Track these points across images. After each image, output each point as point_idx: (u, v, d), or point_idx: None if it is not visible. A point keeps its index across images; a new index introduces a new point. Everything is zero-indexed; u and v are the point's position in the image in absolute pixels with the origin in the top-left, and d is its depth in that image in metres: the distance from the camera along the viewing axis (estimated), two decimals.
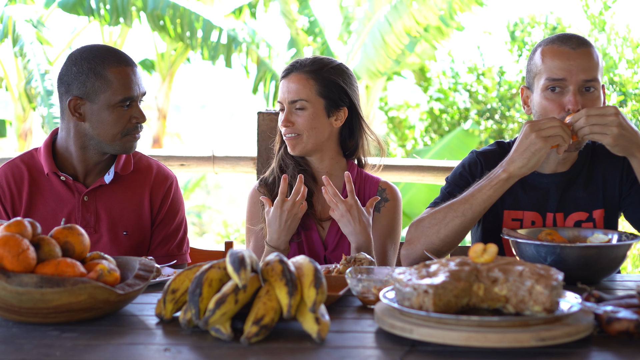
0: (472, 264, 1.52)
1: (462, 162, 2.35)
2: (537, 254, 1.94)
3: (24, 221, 1.59)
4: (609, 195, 2.26)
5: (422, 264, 1.55)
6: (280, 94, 2.41)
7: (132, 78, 2.25)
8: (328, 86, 2.38)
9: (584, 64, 2.15)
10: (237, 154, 3.85)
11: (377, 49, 8.41)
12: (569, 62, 2.16)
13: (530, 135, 2.03)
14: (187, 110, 23.20)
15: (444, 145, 8.42)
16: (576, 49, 2.16)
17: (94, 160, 2.33)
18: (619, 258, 1.96)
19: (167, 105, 11.71)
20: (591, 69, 2.16)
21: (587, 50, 2.17)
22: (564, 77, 2.15)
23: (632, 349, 1.39)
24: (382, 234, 2.41)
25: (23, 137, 9.59)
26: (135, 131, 2.30)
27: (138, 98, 2.28)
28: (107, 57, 2.25)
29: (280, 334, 1.49)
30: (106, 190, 2.35)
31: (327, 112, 2.39)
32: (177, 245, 2.44)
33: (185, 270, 1.62)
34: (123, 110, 2.25)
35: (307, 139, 2.38)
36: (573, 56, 2.16)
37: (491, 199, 2.10)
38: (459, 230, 2.12)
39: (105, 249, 2.30)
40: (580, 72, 2.14)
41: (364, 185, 2.46)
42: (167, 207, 2.42)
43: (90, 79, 2.23)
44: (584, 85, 2.16)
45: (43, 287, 1.50)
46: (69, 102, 2.25)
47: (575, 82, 2.15)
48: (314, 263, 1.53)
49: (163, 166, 2.48)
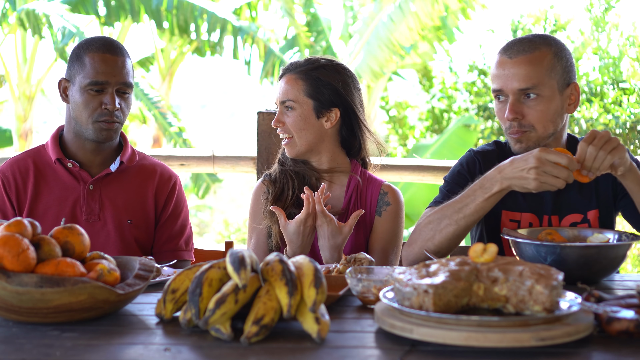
0: (472, 264, 1.52)
1: (460, 161, 2.36)
2: (537, 254, 1.94)
3: (24, 221, 1.59)
4: (602, 196, 2.26)
5: (422, 264, 1.55)
6: (276, 94, 2.45)
7: (106, 64, 2.32)
8: (317, 87, 2.38)
9: (519, 73, 2.15)
10: (237, 154, 3.85)
11: (381, 48, 8.41)
12: (504, 72, 2.18)
13: (531, 171, 1.96)
14: (187, 110, 23.20)
15: (444, 142, 8.43)
16: (513, 58, 2.16)
17: (90, 148, 2.41)
18: (619, 258, 1.96)
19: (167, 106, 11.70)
20: (529, 76, 2.14)
21: (527, 58, 2.15)
22: (501, 87, 2.19)
23: (632, 349, 1.39)
24: (383, 238, 2.41)
25: (23, 137, 9.59)
26: (107, 119, 2.34)
27: (111, 85, 2.33)
28: (92, 44, 2.35)
29: (280, 333, 1.48)
30: (112, 180, 2.43)
31: (316, 113, 2.39)
32: (184, 241, 2.51)
33: (185, 270, 1.62)
34: (93, 94, 2.33)
35: (299, 140, 2.39)
36: (509, 65, 2.17)
37: (484, 209, 2.08)
38: (453, 237, 2.11)
39: (109, 237, 2.38)
40: (514, 82, 2.15)
41: (366, 187, 2.45)
42: (172, 205, 2.49)
43: (73, 62, 2.37)
44: (522, 94, 2.16)
45: (43, 287, 1.50)
46: (59, 83, 2.41)
47: (511, 91, 2.17)
48: (314, 263, 1.53)
49: (166, 166, 2.55)
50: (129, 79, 2.37)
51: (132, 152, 2.49)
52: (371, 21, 8.73)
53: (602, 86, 8.58)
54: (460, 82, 9.67)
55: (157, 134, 11.37)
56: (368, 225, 2.43)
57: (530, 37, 2.21)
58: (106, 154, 2.45)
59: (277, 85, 2.45)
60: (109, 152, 2.46)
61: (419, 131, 9.86)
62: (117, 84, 2.34)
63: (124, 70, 2.35)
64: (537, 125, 2.17)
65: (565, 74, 2.19)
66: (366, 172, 2.49)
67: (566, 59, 2.20)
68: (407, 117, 10.04)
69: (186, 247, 2.51)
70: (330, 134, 2.43)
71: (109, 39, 2.39)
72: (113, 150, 2.47)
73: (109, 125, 2.35)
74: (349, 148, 2.48)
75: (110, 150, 2.46)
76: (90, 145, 2.41)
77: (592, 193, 2.27)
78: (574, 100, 2.23)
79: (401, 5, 8.28)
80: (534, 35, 2.24)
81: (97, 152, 2.42)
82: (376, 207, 2.43)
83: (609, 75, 8.62)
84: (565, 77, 2.19)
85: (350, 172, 2.45)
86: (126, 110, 2.39)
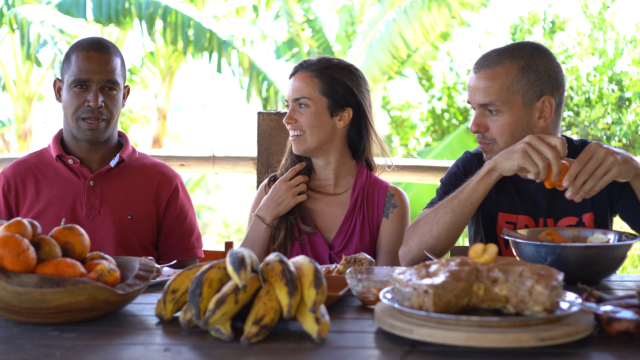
0: (472, 264, 1.52)
1: (456, 163, 2.38)
2: (537, 254, 1.94)
3: (24, 221, 1.59)
4: (597, 198, 2.26)
5: (422, 264, 1.55)
6: (287, 92, 2.44)
7: (89, 61, 2.35)
8: (332, 86, 2.38)
9: (479, 87, 2.18)
10: (237, 154, 3.86)
11: (383, 51, 8.41)
12: (470, 85, 2.23)
13: (520, 144, 2.02)
14: (187, 110, 23.20)
15: (446, 145, 8.43)
16: (477, 73, 2.20)
17: (85, 147, 2.44)
18: (619, 258, 1.96)
19: (167, 105, 11.72)
20: (488, 92, 2.16)
21: (488, 73, 2.17)
22: (468, 100, 2.23)
23: (632, 349, 1.39)
24: (390, 240, 2.41)
25: (23, 138, 9.59)
26: (90, 116, 2.37)
27: (94, 83, 2.35)
28: (80, 43, 2.40)
29: (280, 334, 1.48)
30: (113, 176, 2.45)
31: (330, 111, 2.39)
32: (196, 238, 2.55)
33: (185, 270, 1.62)
34: (78, 91, 2.36)
35: (310, 137, 2.38)
36: (473, 80, 2.21)
37: (478, 192, 2.10)
38: (450, 227, 2.12)
39: (109, 232, 2.40)
40: (476, 95, 2.19)
41: (372, 189, 2.46)
42: (177, 205, 2.51)
43: (64, 62, 2.42)
44: (485, 108, 2.18)
45: (43, 287, 1.50)
46: (54, 84, 2.47)
47: (475, 103, 2.20)
48: (314, 263, 1.53)
49: (167, 166, 2.57)
50: (114, 76, 2.38)
51: (132, 151, 2.52)
52: (375, 23, 8.73)
53: (601, 88, 8.58)
54: (460, 82, 9.67)
55: (157, 134, 11.37)
56: (375, 228, 2.43)
57: (501, 50, 2.20)
58: (104, 151, 2.47)
59: (289, 83, 2.44)
60: (108, 150, 2.48)
61: (419, 131, 9.86)
62: (100, 81, 2.36)
63: (108, 67, 2.36)
64: (498, 138, 2.18)
65: (534, 88, 2.16)
66: (371, 174, 2.49)
67: (538, 71, 2.15)
68: (410, 116, 10.04)
69: (198, 244, 2.56)
70: (340, 134, 2.43)
71: (99, 38, 2.42)
72: (112, 148, 2.49)
73: (94, 124, 2.37)
74: (354, 150, 2.48)
75: (109, 148, 2.48)
76: (85, 144, 2.44)
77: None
78: (546, 114, 2.18)
79: (406, 9, 8.28)
80: (507, 46, 2.22)
81: (93, 150, 2.45)
82: (383, 210, 2.43)
83: (607, 74, 8.62)
84: (535, 91, 2.16)
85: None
86: (113, 108, 2.40)
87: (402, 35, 8.33)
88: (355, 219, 2.42)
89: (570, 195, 1.98)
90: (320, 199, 2.46)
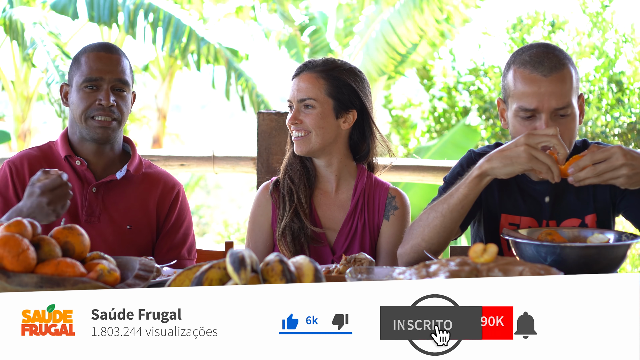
0: (472, 264, 1.52)
1: (460, 162, 2.35)
2: (537, 254, 1.93)
3: (24, 221, 1.59)
4: (599, 200, 2.25)
5: (422, 264, 1.55)
6: (290, 92, 2.40)
7: (100, 61, 2.36)
8: (338, 87, 2.37)
9: (556, 92, 2.09)
10: (237, 154, 3.85)
11: (379, 51, 8.41)
12: (540, 91, 2.09)
13: (520, 147, 1.97)
14: (187, 110, 23.18)
15: (446, 141, 8.42)
16: (548, 76, 2.09)
17: (92, 150, 2.42)
18: (619, 258, 1.96)
19: (167, 105, 11.71)
20: (564, 94, 2.09)
21: (560, 75, 2.10)
22: (536, 106, 2.10)
23: None
24: (391, 242, 2.40)
25: (22, 138, 9.59)
26: (101, 114, 2.35)
27: (105, 82, 2.35)
28: (89, 46, 2.41)
29: None
30: (116, 186, 2.43)
31: (335, 113, 2.38)
32: (187, 250, 2.51)
33: (185, 270, 1.62)
34: (88, 91, 2.35)
35: (315, 137, 2.37)
36: (544, 84, 2.09)
37: (467, 198, 2.07)
38: (440, 231, 2.10)
39: (107, 239, 2.38)
40: (552, 100, 2.09)
41: (373, 191, 2.45)
42: (175, 214, 2.49)
43: (72, 66, 2.41)
44: (557, 112, 2.11)
45: (43, 287, 1.50)
46: (60, 89, 2.45)
47: (547, 110, 2.10)
48: (314, 263, 1.53)
49: (170, 175, 2.55)
50: (125, 76, 2.38)
51: (139, 162, 2.49)
52: (371, 23, 8.73)
53: (601, 88, 8.58)
54: (462, 81, 9.66)
55: (157, 134, 11.37)
56: (375, 229, 2.43)
57: (552, 51, 2.13)
58: (110, 156, 2.45)
59: (292, 83, 2.40)
60: (114, 156, 2.46)
61: (420, 131, 9.86)
62: (111, 80, 2.35)
63: (118, 67, 2.37)
64: (568, 143, 2.11)
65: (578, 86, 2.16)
66: (372, 175, 2.48)
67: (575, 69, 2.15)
68: (410, 115, 10.03)
69: (189, 255, 2.51)
70: (343, 136, 2.42)
71: (107, 42, 2.45)
72: (118, 155, 2.47)
73: (105, 122, 2.35)
74: (356, 152, 2.48)
75: (115, 154, 2.46)
76: (92, 146, 2.41)
77: (589, 197, 2.25)
78: (582, 111, 2.18)
79: (400, 9, 8.28)
80: (547, 46, 2.17)
81: (100, 154, 2.43)
82: (384, 211, 2.42)
83: (607, 75, 8.62)
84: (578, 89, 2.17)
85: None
86: (124, 108, 2.39)
87: (396, 33, 8.32)
88: (357, 221, 2.41)
89: (570, 180, 1.96)
90: (322, 201, 2.45)
